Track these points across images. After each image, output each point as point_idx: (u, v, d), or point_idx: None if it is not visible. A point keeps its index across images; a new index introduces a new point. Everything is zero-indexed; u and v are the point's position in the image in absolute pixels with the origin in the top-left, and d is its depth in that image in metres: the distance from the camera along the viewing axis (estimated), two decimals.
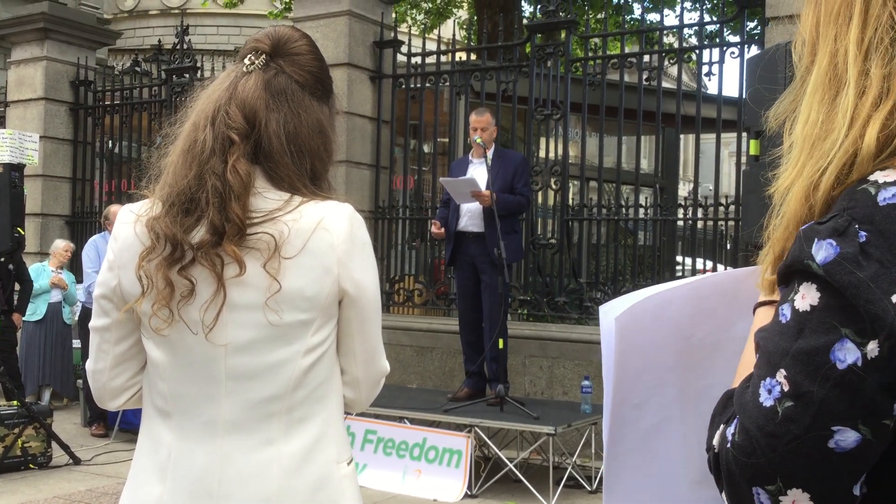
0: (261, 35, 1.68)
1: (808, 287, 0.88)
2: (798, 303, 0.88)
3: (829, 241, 0.87)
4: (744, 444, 0.88)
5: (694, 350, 1.16)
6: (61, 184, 10.46)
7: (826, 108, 0.95)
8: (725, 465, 0.90)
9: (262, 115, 1.58)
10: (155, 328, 1.56)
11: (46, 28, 10.16)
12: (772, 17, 6.30)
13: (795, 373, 0.86)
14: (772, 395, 0.87)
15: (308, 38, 1.71)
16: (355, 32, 8.23)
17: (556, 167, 7.71)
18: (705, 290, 1.18)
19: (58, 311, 8.75)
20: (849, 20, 0.95)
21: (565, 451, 6.13)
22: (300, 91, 1.64)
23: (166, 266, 1.52)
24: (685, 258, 8.99)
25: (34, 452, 6.55)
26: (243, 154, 1.55)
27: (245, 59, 1.64)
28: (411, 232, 8.62)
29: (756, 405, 0.88)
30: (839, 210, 0.89)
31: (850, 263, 0.85)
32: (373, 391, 1.74)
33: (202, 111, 1.60)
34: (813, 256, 0.88)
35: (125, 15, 25.16)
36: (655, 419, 1.16)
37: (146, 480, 1.62)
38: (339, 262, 1.57)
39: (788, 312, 0.89)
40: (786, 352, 0.88)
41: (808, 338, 0.86)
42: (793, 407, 0.85)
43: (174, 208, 1.54)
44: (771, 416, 0.86)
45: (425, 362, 7.77)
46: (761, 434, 0.86)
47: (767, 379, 0.88)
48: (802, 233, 0.90)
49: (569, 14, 7.63)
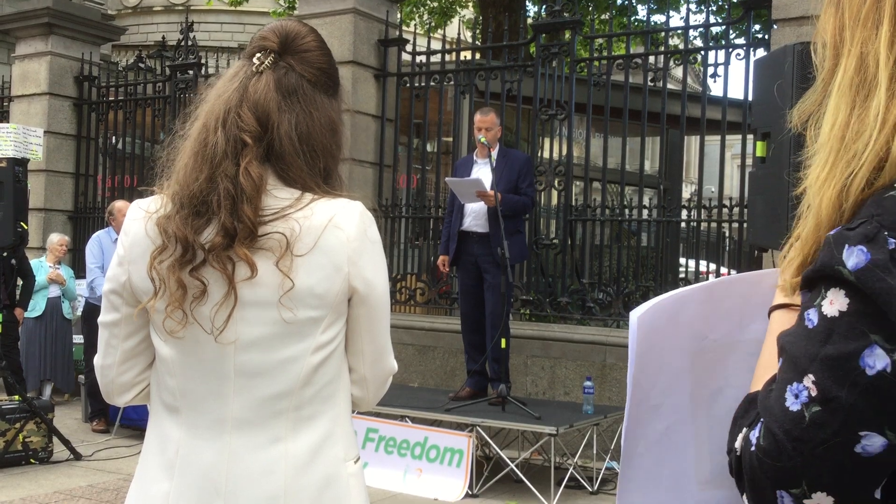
0: (267, 31, 1.65)
1: (836, 293, 0.88)
2: (826, 308, 0.88)
3: (860, 247, 0.87)
4: (769, 447, 0.88)
5: (707, 352, 1.16)
6: (64, 179, 10.46)
7: (858, 112, 0.95)
8: (749, 468, 0.90)
9: (275, 116, 1.57)
10: (170, 330, 1.55)
11: (51, 23, 10.17)
12: (778, 18, 6.29)
13: (823, 378, 0.86)
14: (799, 400, 0.87)
15: (315, 32, 1.69)
16: (360, 30, 8.23)
17: (559, 167, 7.70)
18: (720, 291, 1.18)
19: (57, 307, 8.74)
20: (878, 24, 0.95)
21: (567, 451, 6.13)
22: (311, 89, 1.62)
23: (178, 267, 1.52)
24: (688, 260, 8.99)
25: (35, 447, 6.56)
26: (256, 157, 1.54)
27: (254, 57, 1.61)
28: (414, 231, 8.62)
29: (782, 409, 0.88)
30: (867, 216, 0.89)
31: (882, 270, 0.85)
32: (380, 390, 1.74)
33: (212, 112, 1.57)
34: (844, 262, 0.87)
35: (129, 11, 25.17)
36: (669, 420, 1.17)
37: (154, 477, 1.61)
38: (350, 259, 1.57)
39: (815, 317, 0.89)
40: (813, 357, 0.88)
41: (837, 343, 0.86)
42: (821, 412, 0.86)
43: (185, 210, 1.53)
44: (797, 420, 0.87)
45: (427, 361, 7.77)
46: (787, 438, 0.87)
47: (794, 384, 0.88)
48: (833, 238, 0.90)
49: (574, 14, 7.62)
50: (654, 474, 1.18)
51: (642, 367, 1.14)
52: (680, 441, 1.17)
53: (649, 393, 1.16)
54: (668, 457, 1.18)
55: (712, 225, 7.69)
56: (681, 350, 1.15)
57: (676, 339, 1.15)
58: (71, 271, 9.11)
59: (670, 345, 1.15)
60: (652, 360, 1.15)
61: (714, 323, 1.16)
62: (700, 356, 1.16)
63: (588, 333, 7.17)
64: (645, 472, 1.18)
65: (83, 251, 8.00)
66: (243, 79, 1.60)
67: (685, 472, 1.18)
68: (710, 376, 1.16)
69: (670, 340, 1.15)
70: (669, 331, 1.15)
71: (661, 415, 1.16)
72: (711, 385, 1.16)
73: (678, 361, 1.16)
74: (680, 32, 7.62)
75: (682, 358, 1.16)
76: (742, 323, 1.16)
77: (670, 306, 1.15)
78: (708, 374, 1.16)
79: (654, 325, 1.14)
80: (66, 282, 8.81)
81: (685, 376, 1.16)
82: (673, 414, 1.17)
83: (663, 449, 1.18)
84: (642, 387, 1.15)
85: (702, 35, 7.43)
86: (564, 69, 7.65)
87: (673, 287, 7.61)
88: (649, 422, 1.16)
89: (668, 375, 1.15)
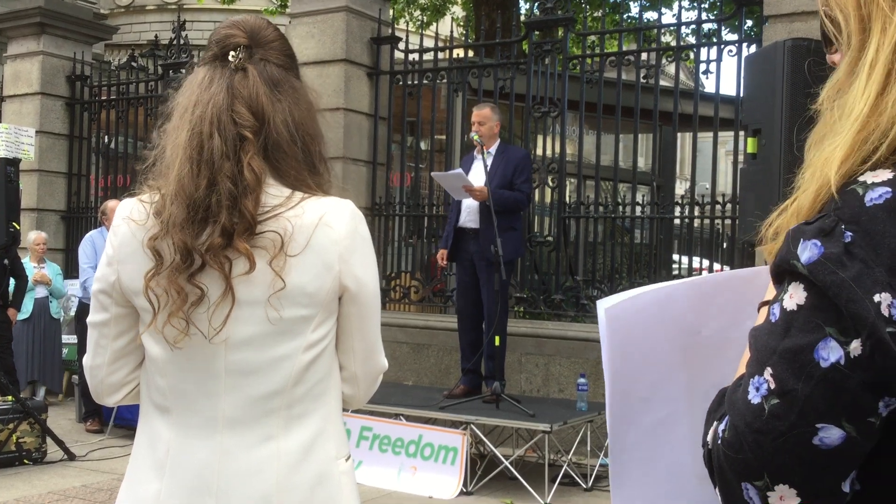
0: (230, 30, 1.64)
1: (795, 287, 0.89)
2: (786, 302, 0.90)
3: (814, 241, 0.88)
4: (732, 440, 0.89)
5: (703, 346, 1.16)
6: (57, 179, 10.43)
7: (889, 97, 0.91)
8: (717, 461, 0.91)
9: (269, 108, 1.58)
10: (173, 340, 1.54)
11: (43, 23, 10.14)
12: (770, 15, 6.30)
13: (781, 371, 0.88)
14: (759, 393, 0.89)
15: (267, 20, 1.71)
16: (353, 28, 8.22)
17: (553, 165, 7.71)
18: (709, 287, 1.18)
19: (45, 307, 8.67)
20: None
21: (561, 448, 6.14)
22: (287, 75, 1.64)
23: (177, 274, 1.51)
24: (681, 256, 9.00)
25: (29, 448, 6.54)
26: (257, 151, 1.55)
27: (228, 56, 1.60)
28: (408, 229, 8.61)
29: (745, 402, 0.90)
30: (828, 210, 0.90)
31: (833, 263, 0.86)
32: (371, 388, 1.75)
33: (201, 117, 1.55)
34: (798, 256, 0.89)
35: (122, 10, 25.10)
36: (662, 413, 1.17)
37: (144, 477, 1.61)
38: (341, 258, 1.57)
39: (777, 312, 0.91)
40: (773, 350, 0.89)
41: (794, 336, 0.88)
42: (778, 404, 0.87)
43: (183, 216, 1.51)
44: (758, 413, 0.88)
45: (421, 359, 7.77)
46: (748, 431, 0.88)
47: (756, 377, 0.90)
48: (791, 233, 0.92)
49: (566, 11, 7.62)
50: (649, 468, 1.18)
51: (621, 357, 1.15)
52: (676, 434, 1.17)
53: (634, 386, 1.16)
54: (664, 450, 1.18)
55: (705, 221, 7.71)
56: (670, 344, 1.15)
57: (662, 332, 1.15)
58: (57, 268, 9.03)
59: (655, 338, 1.15)
60: (633, 352, 1.15)
61: (707, 319, 1.16)
62: (693, 351, 1.16)
63: (582, 331, 7.17)
64: (638, 465, 1.18)
65: (76, 251, 7.98)
66: (225, 78, 1.59)
67: (682, 465, 1.18)
68: (707, 371, 1.16)
69: (655, 333, 1.15)
70: (652, 324, 1.15)
71: (652, 407, 1.16)
72: (709, 380, 1.16)
73: (668, 355, 1.16)
74: (672, 29, 7.63)
75: (671, 352, 1.16)
76: (737, 319, 1.16)
77: (651, 300, 1.15)
78: (705, 368, 1.16)
79: (628, 317, 1.14)
80: (52, 281, 8.74)
81: (678, 369, 1.16)
82: (665, 407, 1.17)
83: (658, 442, 1.18)
84: (624, 378, 1.16)
85: (694, 32, 7.44)
86: (557, 66, 7.65)
87: None
88: (638, 414, 1.16)
89: (656, 368, 1.15)
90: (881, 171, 0.89)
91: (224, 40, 1.62)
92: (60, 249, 10.25)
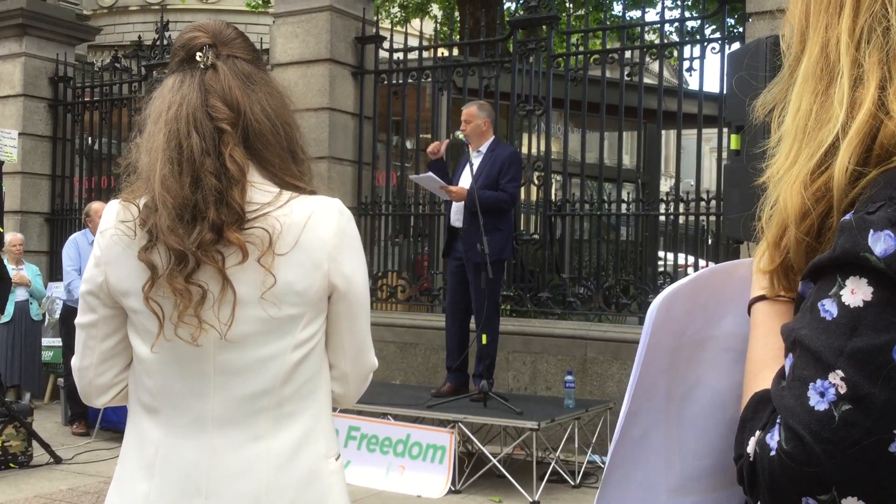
0: (191, 34, 1.64)
1: (856, 281, 0.82)
2: (847, 298, 0.82)
3: (887, 232, 0.81)
4: (796, 451, 0.82)
5: (683, 348, 1.09)
6: (41, 181, 10.36)
7: (820, 99, 0.91)
8: (769, 474, 0.84)
9: (244, 100, 1.58)
10: (191, 338, 1.52)
11: (25, 24, 10.06)
12: (752, 12, 6.34)
13: (853, 374, 0.80)
14: (825, 399, 0.81)
15: (225, 21, 1.71)
16: (337, 28, 8.20)
17: (538, 163, 7.72)
18: (700, 284, 1.12)
19: (25, 310, 8.60)
20: (840, 9, 0.92)
21: (549, 445, 6.15)
22: (256, 69, 1.64)
23: (174, 278, 1.50)
24: (667, 253, 9.03)
25: (14, 452, 6.50)
26: (237, 142, 1.55)
27: (195, 57, 1.60)
28: (394, 228, 8.61)
29: (806, 409, 0.82)
30: (885, 199, 0.83)
31: None
32: (361, 386, 1.75)
33: (176, 117, 1.54)
34: (871, 248, 0.81)
35: (105, 11, 24.97)
36: (644, 426, 1.08)
37: (132, 478, 1.61)
38: (330, 256, 1.58)
39: (834, 309, 0.83)
40: (839, 351, 0.81)
41: (865, 336, 0.80)
42: (851, 410, 0.80)
43: (172, 217, 1.50)
44: (826, 420, 0.81)
45: (408, 358, 7.77)
46: (817, 441, 0.81)
47: (818, 381, 0.82)
48: (855, 223, 0.83)
49: (550, 10, 7.63)
50: (626, 484, 1.10)
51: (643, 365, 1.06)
52: (652, 446, 1.09)
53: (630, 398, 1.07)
54: (641, 464, 1.10)
55: (690, 218, 7.74)
56: (661, 349, 1.07)
57: (658, 337, 1.07)
58: (35, 269, 8.95)
59: (652, 344, 1.06)
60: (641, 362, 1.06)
61: (691, 318, 1.09)
62: (676, 354, 1.09)
63: (569, 328, 7.20)
64: (618, 481, 1.10)
65: (60, 253, 7.93)
66: (196, 78, 1.58)
67: (654, 480, 1.10)
68: (682, 375, 1.09)
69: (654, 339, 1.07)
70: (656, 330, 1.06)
71: (638, 420, 1.08)
72: (684, 384, 1.09)
73: (658, 361, 1.07)
74: (656, 27, 7.66)
75: (661, 357, 1.08)
76: (715, 317, 1.10)
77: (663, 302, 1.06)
78: (681, 372, 1.09)
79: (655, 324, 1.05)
80: (31, 282, 8.68)
81: (662, 377, 1.08)
82: (648, 418, 1.09)
83: (638, 455, 1.09)
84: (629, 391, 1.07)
85: (677, 30, 7.48)
86: (541, 65, 7.67)
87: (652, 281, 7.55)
88: (626, 429, 1.07)
89: (646, 377, 1.07)
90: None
91: (189, 43, 1.62)
92: (45, 252, 10.19)
